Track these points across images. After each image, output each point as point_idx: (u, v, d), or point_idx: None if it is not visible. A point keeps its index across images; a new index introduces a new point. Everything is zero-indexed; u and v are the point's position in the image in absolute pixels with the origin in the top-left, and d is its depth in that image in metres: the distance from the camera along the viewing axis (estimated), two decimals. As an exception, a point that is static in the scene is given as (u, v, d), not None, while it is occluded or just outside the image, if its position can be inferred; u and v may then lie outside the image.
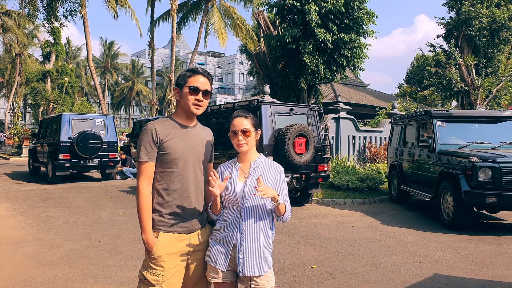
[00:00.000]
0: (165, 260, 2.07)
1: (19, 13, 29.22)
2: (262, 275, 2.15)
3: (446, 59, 23.50)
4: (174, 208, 2.11)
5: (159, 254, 2.07)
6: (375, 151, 13.87)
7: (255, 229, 2.16)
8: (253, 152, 2.25)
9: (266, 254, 2.18)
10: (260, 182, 2.00)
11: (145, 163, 2.09)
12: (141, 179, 2.09)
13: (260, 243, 2.16)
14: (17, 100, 37.20)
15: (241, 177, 2.20)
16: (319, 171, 8.16)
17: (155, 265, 2.08)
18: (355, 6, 12.55)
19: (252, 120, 2.22)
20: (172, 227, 2.11)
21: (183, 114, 2.20)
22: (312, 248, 5.37)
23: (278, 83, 14.27)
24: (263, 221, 2.19)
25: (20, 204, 8.40)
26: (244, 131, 2.17)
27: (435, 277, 4.30)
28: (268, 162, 2.26)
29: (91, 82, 47.58)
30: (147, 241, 2.07)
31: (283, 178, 2.24)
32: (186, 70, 2.22)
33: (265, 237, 2.19)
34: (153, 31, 24.78)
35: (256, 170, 2.20)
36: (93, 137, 11.49)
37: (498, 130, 7.54)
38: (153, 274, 2.07)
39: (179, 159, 2.11)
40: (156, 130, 2.09)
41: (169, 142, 2.10)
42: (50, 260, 4.75)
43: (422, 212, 8.14)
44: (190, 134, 2.19)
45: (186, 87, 2.13)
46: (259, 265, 2.14)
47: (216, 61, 77.69)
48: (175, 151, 2.10)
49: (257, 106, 7.66)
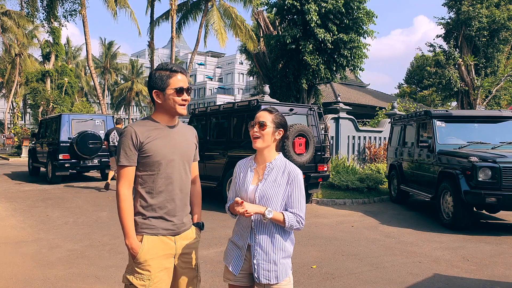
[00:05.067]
0: (151, 264, 2.01)
1: (18, 13, 29.20)
2: (279, 283, 2.04)
3: (446, 59, 23.50)
4: (158, 210, 2.04)
5: (145, 258, 2.00)
6: (375, 151, 13.87)
7: (269, 235, 2.06)
8: (270, 152, 2.13)
9: (282, 260, 2.06)
10: (238, 203, 1.96)
11: (125, 167, 2.02)
12: (121, 183, 2.02)
13: (275, 250, 2.05)
14: (17, 100, 37.13)
15: (255, 179, 2.12)
16: (318, 171, 8.17)
17: (141, 270, 2.01)
18: (355, 6, 12.56)
19: (276, 117, 2.10)
20: (157, 229, 2.04)
21: (165, 115, 2.11)
22: (312, 248, 5.37)
23: (277, 83, 14.27)
24: (277, 226, 2.07)
25: (20, 204, 8.39)
26: (260, 123, 2.07)
27: (434, 277, 4.30)
28: (284, 165, 2.12)
29: (90, 82, 47.56)
30: (131, 246, 2.00)
31: (296, 182, 2.08)
32: (159, 69, 2.09)
33: (281, 243, 2.07)
34: (152, 31, 24.76)
35: (270, 174, 2.09)
36: (92, 137, 11.48)
37: (497, 130, 7.54)
38: (139, 279, 2.01)
39: (161, 161, 2.04)
40: (135, 133, 2.01)
41: (150, 144, 2.02)
42: (50, 260, 4.75)
43: (422, 212, 8.14)
44: (173, 134, 2.11)
45: (170, 89, 2.04)
46: (275, 273, 2.03)
47: (216, 61, 77.71)
48: (157, 153, 2.02)
49: (256, 106, 7.66)
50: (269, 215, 1.98)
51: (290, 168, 2.11)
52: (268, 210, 1.99)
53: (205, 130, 9.15)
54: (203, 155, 8.70)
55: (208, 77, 73.73)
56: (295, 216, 2.05)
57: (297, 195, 2.07)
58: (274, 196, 2.05)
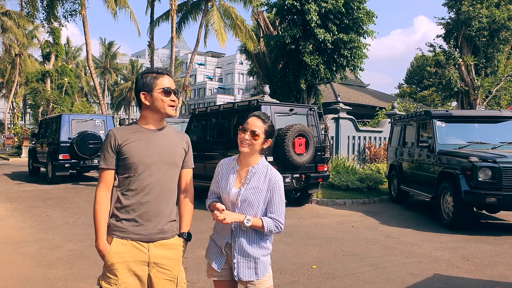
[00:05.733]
0: (118, 269, 1.96)
1: (18, 13, 29.20)
2: (260, 279, 2.12)
3: (446, 59, 23.48)
4: (131, 212, 2.00)
5: (112, 261, 1.96)
6: (375, 151, 13.87)
7: (248, 237, 2.12)
8: (254, 157, 2.16)
9: (262, 258, 2.13)
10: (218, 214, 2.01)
11: (103, 170, 2.04)
12: (99, 186, 2.05)
13: (255, 250, 2.11)
14: (17, 101, 37.17)
15: (237, 182, 2.15)
16: (319, 171, 8.17)
17: (109, 273, 1.98)
18: (355, 6, 12.55)
19: (268, 128, 2.14)
20: (127, 233, 1.99)
21: (152, 117, 2.08)
22: (312, 248, 5.37)
23: (277, 83, 14.27)
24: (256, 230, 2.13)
25: (20, 205, 8.39)
26: (254, 132, 2.10)
27: (435, 277, 4.30)
28: (266, 170, 2.16)
29: (90, 82, 47.57)
30: (99, 248, 1.99)
31: (277, 189, 2.12)
32: (145, 73, 2.10)
33: (260, 242, 2.14)
34: (152, 31, 24.76)
35: (252, 179, 2.12)
36: (92, 138, 11.47)
37: (498, 130, 7.54)
38: (107, 282, 1.98)
39: (138, 163, 2.00)
40: (115, 136, 2.02)
41: (127, 146, 2.00)
42: (50, 260, 4.75)
43: (422, 212, 8.14)
44: (155, 137, 2.07)
45: (157, 90, 2.03)
46: (255, 270, 2.11)
47: (216, 61, 77.72)
48: (133, 155, 1.99)
49: (256, 106, 7.66)
50: (247, 224, 2.04)
51: (272, 174, 2.15)
52: (247, 219, 2.04)
53: (205, 130, 9.15)
54: (203, 155, 8.70)
55: (208, 77, 73.74)
56: (274, 221, 2.11)
57: (277, 200, 2.12)
58: (255, 201, 2.10)
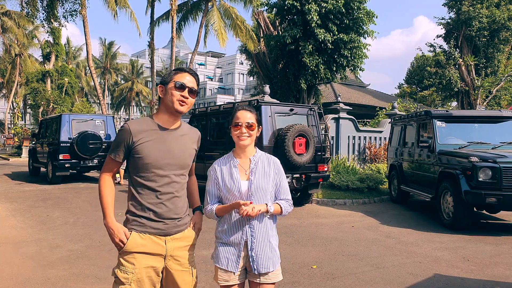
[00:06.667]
0: (136, 257, 1.99)
1: (18, 13, 29.20)
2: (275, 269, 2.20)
3: (446, 59, 23.48)
4: (147, 211, 2.04)
5: (131, 250, 2.00)
6: (375, 151, 13.87)
7: (264, 225, 2.18)
8: (251, 147, 2.25)
9: (275, 248, 2.22)
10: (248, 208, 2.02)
11: (110, 159, 2.08)
12: (103, 170, 2.11)
13: (270, 238, 2.19)
14: (17, 101, 37.18)
15: (243, 175, 2.18)
16: (319, 171, 8.17)
17: (126, 262, 2.00)
18: (355, 6, 12.55)
19: (256, 115, 2.24)
20: (145, 227, 2.04)
21: (166, 113, 2.10)
22: (312, 248, 5.37)
23: (278, 83, 14.27)
24: (270, 216, 2.22)
25: (20, 205, 8.39)
26: (249, 124, 2.18)
27: (435, 277, 4.30)
28: (267, 157, 2.27)
29: (91, 83, 47.53)
30: (108, 226, 2.02)
31: (281, 170, 2.27)
32: (174, 69, 2.16)
33: (273, 230, 2.24)
34: (153, 31, 24.76)
35: (257, 166, 2.20)
36: (93, 138, 11.48)
37: (498, 130, 7.54)
38: (123, 271, 1.99)
39: (152, 164, 2.02)
40: (130, 132, 2.01)
41: (141, 146, 2.01)
42: (50, 260, 4.75)
43: (422, 212, 8.13)
44: (169, 137, 2.08)
45: (171, 83, 2.05)
46: (272, 260, 2.18)
47: (216, 61, 77.67)
48: (148, 155, 2.01)
49: (257, 106, 7.67)
50: (271, 210, 2.13)
51: (273, 158, 2.29)
52: (269, 206, 2.13)
53: (205, 130, 9.15)
54: (203, 155, 8.70)
55: (208, 77, 73.70)
56: (287, 201, 2.26)
57: (284, 182, 2.27)
58: (267, 186, 2.18)
